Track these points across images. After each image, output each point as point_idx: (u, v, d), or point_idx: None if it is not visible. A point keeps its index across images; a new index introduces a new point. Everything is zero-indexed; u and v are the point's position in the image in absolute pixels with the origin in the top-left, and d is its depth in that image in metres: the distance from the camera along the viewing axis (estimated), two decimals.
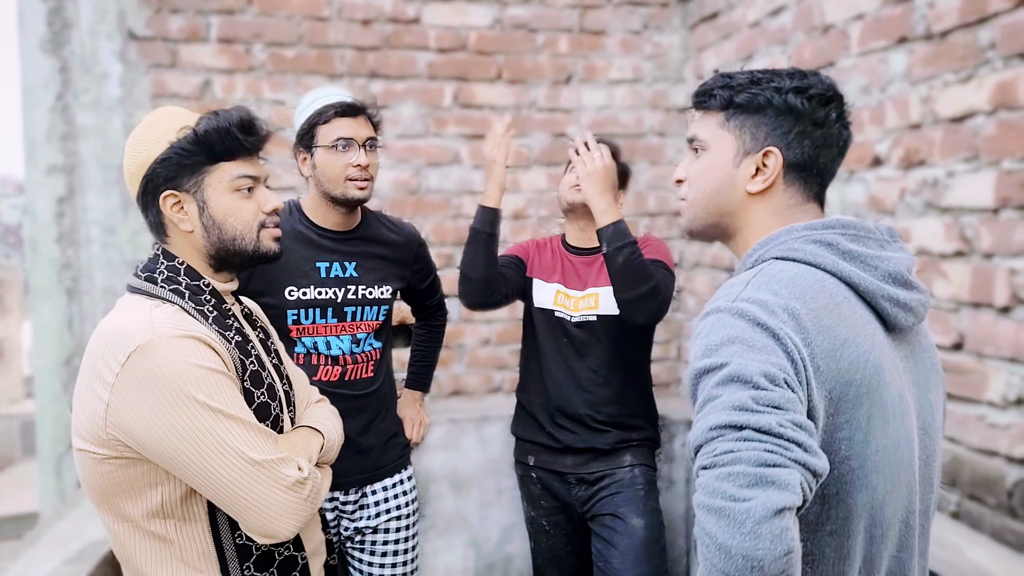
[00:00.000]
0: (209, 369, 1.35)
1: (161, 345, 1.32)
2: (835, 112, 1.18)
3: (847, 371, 1.05)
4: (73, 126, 2.88)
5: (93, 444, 1.36)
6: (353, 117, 2.17)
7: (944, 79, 2.02)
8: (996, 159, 1.88)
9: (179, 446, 1.32)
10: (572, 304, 2.45)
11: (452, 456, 2.95)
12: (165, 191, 1.45)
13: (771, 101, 1.18)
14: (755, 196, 1.21)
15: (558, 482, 2.47)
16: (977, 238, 1.95)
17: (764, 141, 1.19)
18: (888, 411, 1.09)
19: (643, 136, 3.44)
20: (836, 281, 1.12)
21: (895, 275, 1.15)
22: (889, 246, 1.20)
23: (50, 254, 2.86)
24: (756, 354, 0.99)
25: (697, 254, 3.38)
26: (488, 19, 3.29)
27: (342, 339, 2.22)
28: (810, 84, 1.18)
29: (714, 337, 1.04)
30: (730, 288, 1.11)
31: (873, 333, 1.11)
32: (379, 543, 2.33)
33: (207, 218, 1.47)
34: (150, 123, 1.48)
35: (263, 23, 3.09)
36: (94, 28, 2.90)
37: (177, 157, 1.44)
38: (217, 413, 1.33)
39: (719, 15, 3.15)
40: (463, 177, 3.32)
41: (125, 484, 1.38)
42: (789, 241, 1.16)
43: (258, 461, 1.35)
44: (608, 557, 2.36)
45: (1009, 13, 1.82)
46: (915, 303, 1.17)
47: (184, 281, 1.47)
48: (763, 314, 1.03)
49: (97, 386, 1.34)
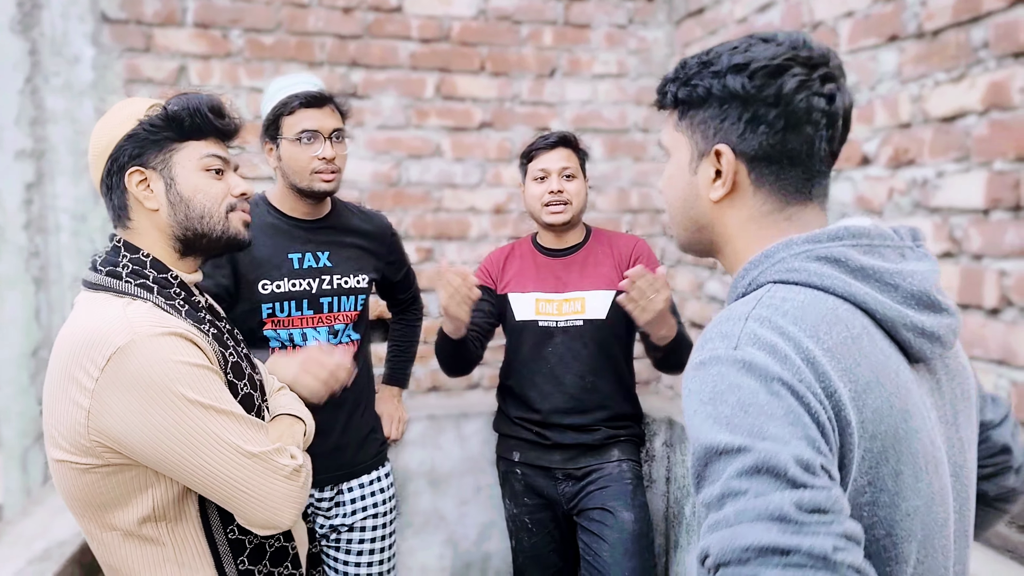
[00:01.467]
0: (194, 365, 1.31)
1: (143, 344, 1.27)
2: (794, 80, 0.95)
3: (871, 422, 0.87)
4: (43, 110, 2.80)
5: (75, 454, 1.30)
6: (319, 108, 2.10)
7: (935, 78, 2.00)
8: (987, 159, 1.86)
9: (172, 447, 1.28)
10: (555, 308, 2.41)
11: (430, 453, 2.91)
12: (131, 168, 1.40)
13: (711, 90, 0.99)
14: (722, 204, 1.02)
15: (544, 478, 2.44)
16: (966, 239, 1.93)
17: (713, 138, 1.00)
18: (919, 464, 0.90)
19: (627, 132, 3.41)
20: (851, 307, 0.92)
21: (919, 295, 0.95)
22: (911, 254, 0.99)
23: (17, 242, 2.77)
24: (781, 427, 0.80)
25: (679, 252, 3.36)
26: (472, 9, 3.24)
27: (319, 331, 2.17)
28: (751, 58, 0.96)
29: (722, 405, 0.83)
30: (725, 325, 0.91)
31: (897, 369, 0.92)
32: (355, 542, 2.29)
33: (174, 195, 1.42)
34: (117, 108, 1.45)
35: (241, 8, 3.02)
36: (65, 9, 2.82)
37: (145, 133, 1.40)
38: (208, 409, 1.30)
39: (705, 10, 3.12)
40: (444, 170, 3.26)
41: (113, 492, 1.33)
42: (788, 259, 0.95)
43: (255, 454, 1.33)
44: (598, 550, 2.33)
45: (1003, 12, 1.80)
46: (943, 330, 0.96)
47: (151, 274, 1.41)
48: (777, 366, 0.84)
49: (75, 392, 1.28)
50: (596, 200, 3.38)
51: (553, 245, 2.47)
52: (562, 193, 2.35)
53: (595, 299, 2.39)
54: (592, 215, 3.31)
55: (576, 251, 2.46)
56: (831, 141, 0.98)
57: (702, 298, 3.19)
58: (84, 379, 1.27)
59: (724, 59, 0.99)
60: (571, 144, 2.40)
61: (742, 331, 0.88)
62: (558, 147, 2.37)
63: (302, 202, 2.18)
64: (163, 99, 1.45)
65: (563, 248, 2.47)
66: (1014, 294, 1.82)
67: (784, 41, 0.98)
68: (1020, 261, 1.80)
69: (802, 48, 0.97)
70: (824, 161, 0.99)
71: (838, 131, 0.98)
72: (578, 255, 2.45)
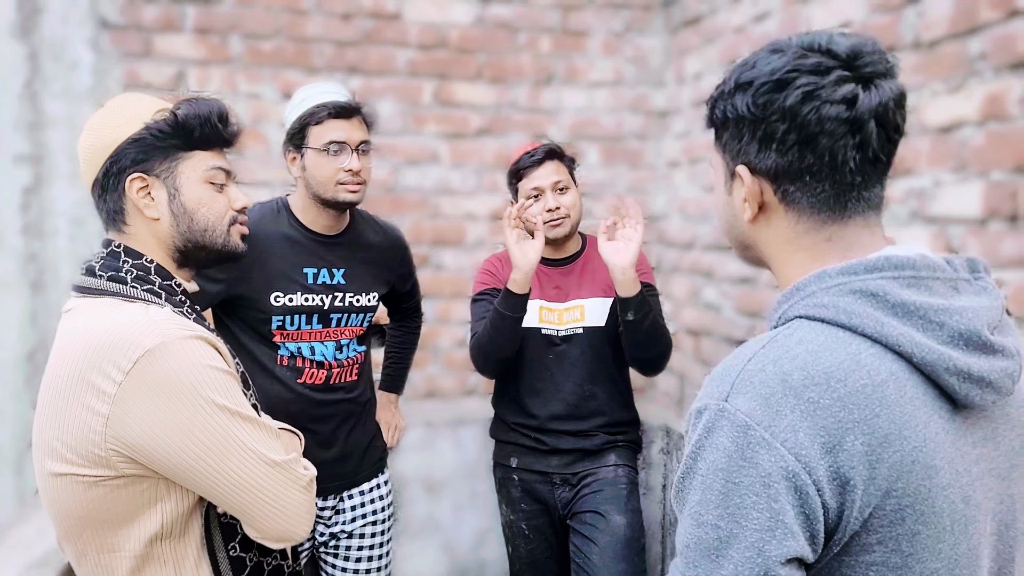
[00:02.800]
0: (221, 370, 1.29)
1: (173, 347, 1.24)
2: (798, 92, 0.89)
3: (886, 479, 0.82)
4: (41, 115, 2.80)
5: (83, 466, 1.24)
6: (347, 119, 2.07)
7: (932, 88, 2.02)
8: (984, 170, 1.88)
9: (198, 452, 1.24)
10: (556, 317, 2.42)
11: (427, 459, 2.92)
12: (133, 173, 1.35)
13: (725, 111, 0.97)
14: (757, 224, 0.98)
15: (541, 483, 2.44)
16: (963, 249, 1.95)
17: (736, 159, 0.97)
18: (943, 524, 0.84)
19: (623, 139, 3.42)
20: (879, 351, 0.85)
21: (968, 335, 0.86)
22: (966, 288, 0.91)
23: (14, 246, 2.77)
24: (751, 521, 0.80)
25: (675, 259, 3.37)
26: (470, 17, 3.25)
27: (326, 344, 2.17)
28: (755, 75, 0.93)
29: (702, 462, 0.84)
30: (731, 362, 0.89)
31: (928, 420, 0.85)
32: (353, 548, 2.29)
33: (178, 206, 1.38)
34: (118, 105, 1.39)
35: (240, 14, 3.03)
36: (65, 15, 2.82)
37: (152, 139, 1.35)
38: (235, 416, 1.27)
39: (702, 19, 3.14)
40: (441, 176, 3.27)
41: (121, 507, 1.28)
42: (819, 293, 0.89)
43: (278, 462, 1.31)
44: (587, 553, 2.34)
45: (1000, 24, 1.82)
46: (996, 375, 0.87)
47: (156, 280, 1.36)
48: (760, 427, 0.81)
49: (90, 398, 1.23)
50: (592, 207, 3.39)
51: (552, 256, 2.48)
52: (559, 209, 2.36)
53: (594, 307, 2.40)
54: (589, 222, 3.31)
55: (574, 260, 2.48)
56: (862, 147, 0.90)
57: (698, 305, 3.21)
58: (104, 383, 1.22)
59: (732, 77, 0.96)
60: (558, 155, 2.40)
61: (739, 375, 0.86)
62: (546, 161, 2.37)
63: (324, 213, 2.14)
64: (169, 102, 1.41)
65: (561, 258, 2.48)
66: (1011, 304, 1.83)
67: (791, 49, 0.93)
68: (1017, 271, 1.81)
69: (813, 53, 0.91)
70: (859, 171, 0.91)
71: (870, 134, 0.89)
72: (576, 264, 2.47)
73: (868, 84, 0.90)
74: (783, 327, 0.91)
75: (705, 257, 3.13)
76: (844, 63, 0.90)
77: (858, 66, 0.90)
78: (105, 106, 1.40)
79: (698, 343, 3.24)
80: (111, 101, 1.41)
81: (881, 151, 0.91)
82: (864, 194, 0.93)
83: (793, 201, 0.94)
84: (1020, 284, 1.80)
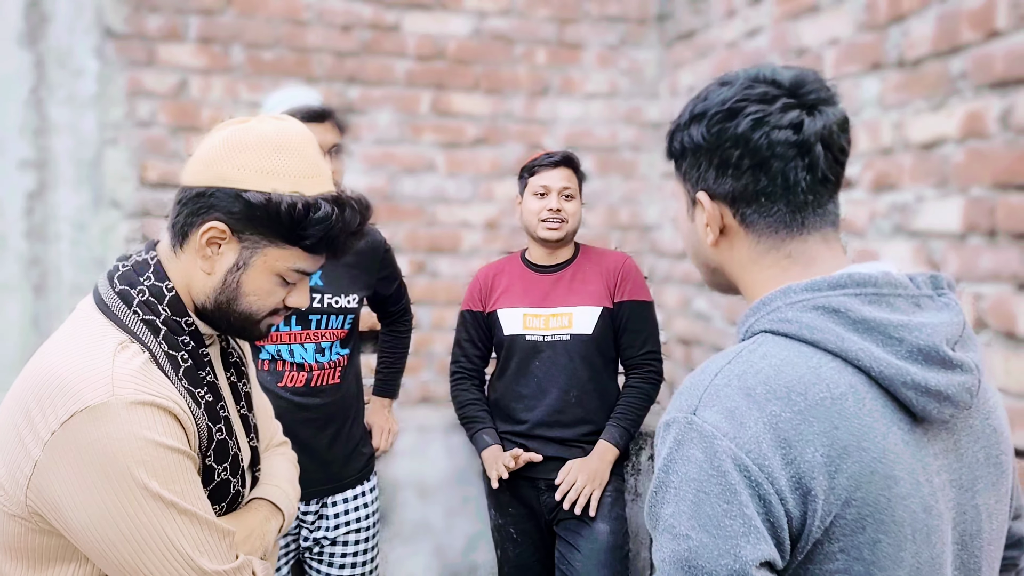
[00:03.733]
0: (169, 448, 1.09)
1: (115, 412, 1.06)
2: (747, 120, 0.94)
3: (845, 488, 0.84)
4: (46, 121, 2.85)
5: (6, 497, 1.11)
6: (319, 123, 2.09)
7: (915, 106, 2.07)
8: (964, 186, 1.93)
9: (114, 540, 1.07)
10: (542, 323, 2.46)
11: (419, 464, 2.95)
12: (219, 221, 1.17)
13: (683, 142, 1.01)
14: (720, 247, 1.02)
15: (528, 488, 2.48)
16: (944, 263, 2.00)
17: (695, 187, 1.01)
18: (903, 532, 0.87)
19: (617, 150, 3.48)
20: (839, 365, 0.88)
21: (927, 351, 0.89)
22: (928, 304, 0.94)
23: (18, 249, 2.82)
24: (724, 529, 0.83)
25: (667, 269, 3.42)
26: (467, 29, 3.31)
27: (306, 347, 2.18)
28: (707, 106, 0.97)
29: (673, 475, 0.87)
30: (698, 376, 0.92)
31: (886, 432, 0.87)
32: (337, 555, 2.30)
33: (232, 278, 1.21)
34: (280, 144, 1.19)
35: (242, 24, 3.08)
36: (71, 24, 2.87)
37: (262, 215, 1.16)
38: (170, 507, 1.09)
39: (695, 34, 3.19)
40: (437, 185, 3.32)
41: (33, 551, 1.13)
42: (784, 308, 0.93)
43: (208, 572, 1.11)
44: (570, 560, 2.38)
45: (980, 45, 1.88)
46: (954, 389, 0.89)
47: (164, 313, 1.19)
48: (726, 439, 0.84)
49: (26, 434, 1.09)
50: (586, 217, 3.42)
51: (543, 261, 2.53)
52: (560, 212, 2.41)
53: (582, 315, 2.44)
54: (582, 232, 3.34)
55: (565, 267, 2.52)
56: (811, 168, 0.94)
57: (689, 315, 3.26)
58: (40, 426, 1.08)
59: (687, 109, 1.01)
60: (573, 165, 2.48)
61: (706, 389, 0.89)
62: (561, 166, 2.45)
63: None
64: (325, 171, 1.22)
65: (552, 264, 2.53)
66: (990, 317, 1.88)
67: (739, 81, 0.97)
68: (995, 285, 1.86)
69: (759, 84, 0.96)
70: (810, 191, 0.95)
71: (817, 156, 0.94)
72: (566, 271, 2.52)
73: (812, 110, 0.95)
74: (749, 341, 0.94)
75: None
76: (788, 92, 0.95)
77: (802, 94, 0.95)
78: (283, 129, 1.21)
79: (689, 352, 3.29)
80: (288, 136, 1.21)
81: (829, 171, 0.96)
82: (818, 211, 0.98)
83: (752, 222, 0.98)
84: (998, 297, 1.85)
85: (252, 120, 1.23)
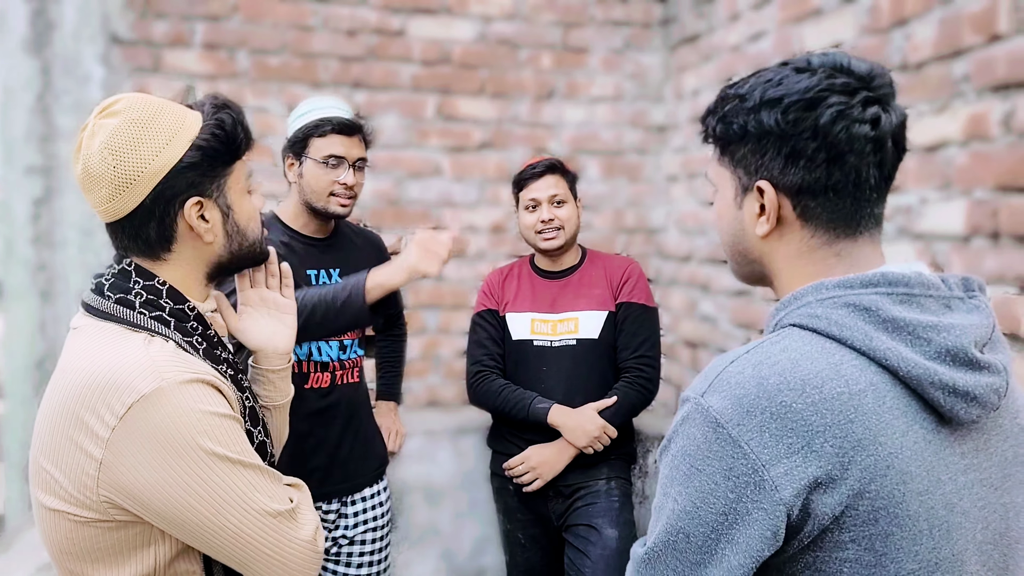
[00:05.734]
0: (222, 415, 1.19)
1: (170, 394, 1.14)
2: (831, 111, 0.91)
3: (858, 480, 0.85)
4: (53, 128, 2.87)
5: (76, 506, 1.16)
6: (349, 136, 2.19)
7: (919, 109, 2.07)
8: (967, 188, 1.93)
9: (194, 506, 1.15)
10: (550, 328, 2.47)
11: (427, 467, 2.96)
12: (190, 198, 1.23)
13: (746, 126, 0.97)
14: (769, 239, 1.00)
15: (535, 494, 2.48)
16: (948, 265, 2.00)
17: (755, 174, 0.98)
18: (919, 527, 0.87)
19: (623, 153, 3.48)
20: (863, 363, 0.88)
21: (955, 351, 0.89)
22: (959, 306, 0.94)
23: (25, 255, 2.84)
24: (707, 504, 0.87)
25: (673, 272, 3.42)
26: (472, 33, 3.32)
27: (331, 345, 2.25)
28: (785, 92, 0.93)
29: (674, 445, 0.92)
30: (717, 361, 0.94)
31: (906, 430, 0.88)
32: (355, 554, 2.34)
33: (231, 225, 1.30)
34: (145, 121, 1.20)
35: (248, 30, 3.10)
36: (77, 30, 2.89)
37: (207, 160, 1.24)
38: (236, 465, 1.19)
39: (700, 37, 3.20)
40: (444, 189, 3.33)
41: (112, 548, 1.19)
42: (814, 304, 0.93)
43: (280, 512, 1.22)
44: (580, 566, 2.38)
45: (982, 48, 1.88)
46: (981, 390, 0.89)
47: (167, 305, 1.25)
48: (728, 427, 0.87)
49: (84, 439, 1.14)
50: (592, 220, 3.44)
51: (549, 268, 2.54)
52: (553, 221, 2.42)
53: (588, 319, 2.45)
54: (588, 235, 3.38)
55: (571, 273, 2.53)
56: (880, 166, 0.94)
57: (695, 318, 3.25)
58: (98, 427, 1.13)
59: (757, 93, 0.96)
60: (559, 170, 2.47)
61: (719, 375, 0.91)
62: (546, 175, 2.45)
63: (313, 220, 2.26)
64: (181, 106, 1.27)
65: (559, 270, 2.54)
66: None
67: (820, 68, 0.94)
68: (999, 287, 1.86)
69: (840, 74, 0.93)
70: (875, 188, 0.95)
71: (888, 153, 0.94)
72: (573, 277, 2.52)
73: (886, 106, 0.94)
74: (773, 334, 0.94)
75: (702, 270, 3.18)
76: (866, 84, 0.93)
77: (875, 87, 0.94)
78: (125, 121, 1.21)
79: (695, 355, 3.28)
80: (128, 114, 1.21)
81: (893, 168, 0.97)
82: (875, 210, 0.97)
83: (812, 216, 0.96)
84: (1001, 300, 1.85)
85: (91, 125, 1.24)
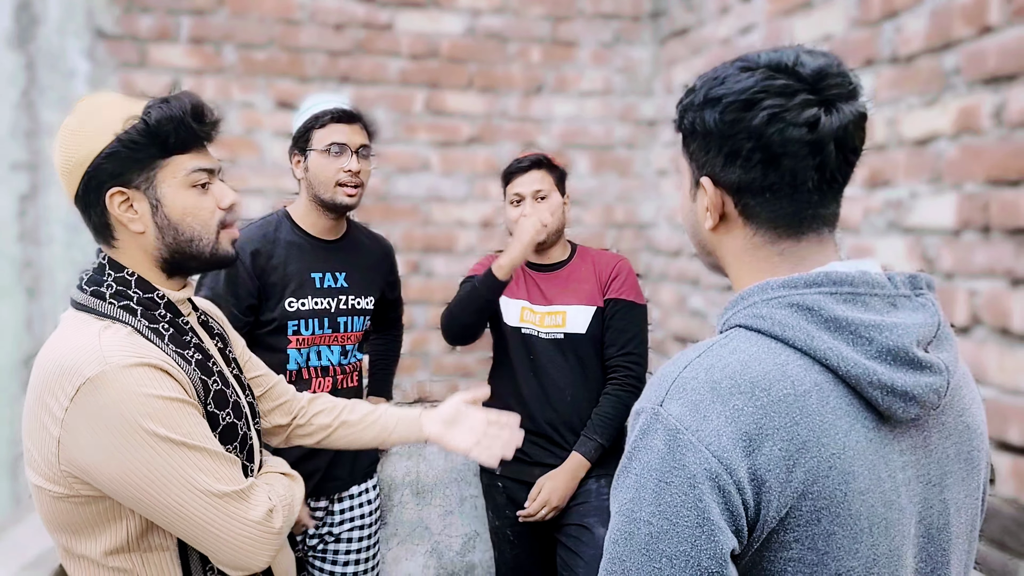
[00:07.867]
0: (166, 398, 1.24)
1: (113, 377, 1.20)
2: (764, 114, 0.91)
3: (802, 482, 0.86)
4: (38, 123, 2.84)
5: (48, 481, 1.26)
6: (348, 124, 2.20)
7: (909, 102, 2.07)
8: (958, 182, 1.93)
9: (139, 484, 1.22)
10: (538, 320, 2.47)
11: (415, 464, 2.95)
12: (111, 188, 1.29)
13: (694, 123, 0.98)
14: (718, 232, 1.02)
15: (524, 492, 2.48)
16: (938, 259, 2.00)
17: (700, 170, 1.00)
18: (860, 525, 0.88)
19: (612, 148, 3.47)
20: (806, 363, 0.89)
21: (896, 351, 0.89)
22: (905, 304, 0.94)
23: (11, 252, 2.81)
24: (682, 519, 0.85)
25: (663, 267, 3.42)
26: (461, 27, 3.30)
27: (332, 349, 2.25)
28: (724, 91, 0.94)
29: (636, 462, 0.89)
30: (669, 367, 0.93)
31: (848, 429, 0.88)
32: (341, 552, 2.34)
33: (161, 218, 1.32)
34: (87, 112, 1.30)
35: (234, 24, 3.07)
36: (62, 25, 2.86)
37: (126, 151, 1.27)
38: (180, 446, 1.23)
39: (689, 31, 3.19)
40: (432, 184, 3.32)
41: (86, 521, 1.28)
42: (760, 304, 0.93)
43: (226, 493, 1.26)
44: (573, 567, 2.37)
45: (973, 40, 1.87)
46: (920, 389, 0.90)
47: (136, 295, 1.33)
48: (688, 432, 0.86)
49: (47, 420, 1.24)
50: (582, 215, 3.43)
51: (538, 261, 2.53)
52: None
53: (576, 314, 2.44)
54: (578, 230, 3.37)
55: (560, 268, 2.52)
56: (821, 168, 0.93)
57: (685, 313, 3.25)
58: (55, 408, 1.22)
59: (703, 91, 0.97)
60: (545, 165, 2.46)
61: (674, 382, 0.90)
62: (531, 170, 2.44)
63: (324, 218, 2.26)
64: (139, 101, 1.32)
65: (548, 264, 2.53)
66: (984, 313, 1.88)
67: (761, 67, 0.94)
68: (989, 281, 1.86)
69: (780, 74, 0.92)
70: (816, 190, 0.94)
71: (829, 155, 0.92)
72: (562, 271, 2.52)
73: (831, 107, 0.92)
74: (721, 336, 0.95)
75: (692, 265, 3.17)
76: (809, 85, 0.92)
77: (822, 88, 0.92)
78: (74, 113, 1.32)
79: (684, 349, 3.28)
80: (79, 107, 1.32)
81: (838, 172, 0.95)
82: (820, 211, 0.97)
83: (753, 215, 0.98)
84: (992, 293, 1.85)
85: None
